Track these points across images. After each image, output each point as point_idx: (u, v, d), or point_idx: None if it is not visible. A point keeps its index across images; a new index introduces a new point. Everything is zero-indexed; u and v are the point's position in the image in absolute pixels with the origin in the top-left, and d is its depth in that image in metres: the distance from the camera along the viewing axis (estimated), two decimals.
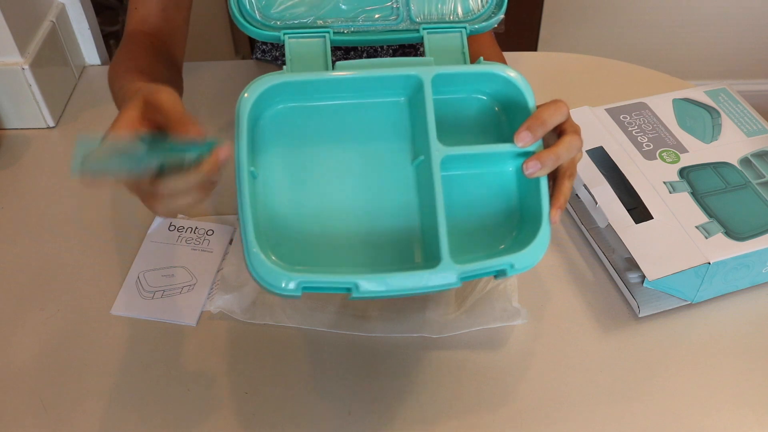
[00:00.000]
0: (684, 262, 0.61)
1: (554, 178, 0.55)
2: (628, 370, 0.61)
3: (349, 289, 0.50)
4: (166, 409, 0.58)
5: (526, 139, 0.54)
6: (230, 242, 0.70)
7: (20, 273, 0.69)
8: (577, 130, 0.56)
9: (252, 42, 1.47)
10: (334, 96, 0.56)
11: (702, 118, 0.76)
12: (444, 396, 0.59)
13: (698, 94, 0.79)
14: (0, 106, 0.84)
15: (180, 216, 0.73)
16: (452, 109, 0.58)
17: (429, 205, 0.54)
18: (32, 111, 0.84)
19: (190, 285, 0.67)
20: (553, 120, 0.54)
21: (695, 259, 0.61)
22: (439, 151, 0.53)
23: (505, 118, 0.59)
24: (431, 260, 0.52)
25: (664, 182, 0.68)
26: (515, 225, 0.57)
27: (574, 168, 0.56)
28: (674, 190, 0.68)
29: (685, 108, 0.78)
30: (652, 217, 0.65)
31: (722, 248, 0.62)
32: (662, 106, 0.78)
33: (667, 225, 0.65)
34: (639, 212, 0.66)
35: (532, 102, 0.56)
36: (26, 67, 0.81)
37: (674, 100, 0.79)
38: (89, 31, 0.93)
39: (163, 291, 0.66)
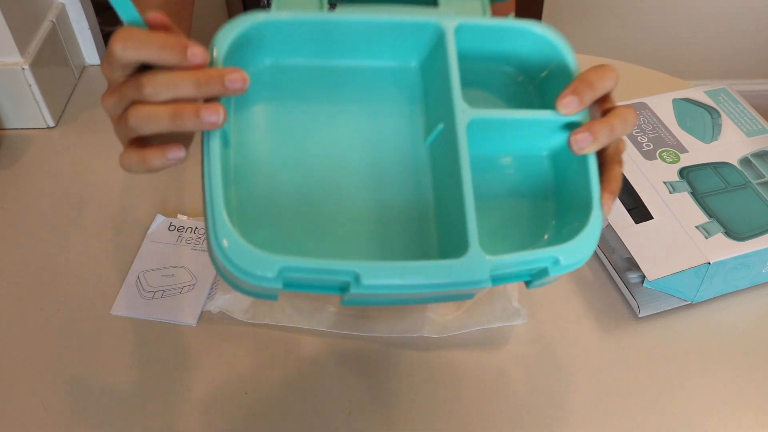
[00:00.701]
0: (684, 262, 0.61)
1: (601, 164, 0.47)
2: (628, 370, 0.61)
3: (344, 286, 0.41)
4: (166, 409, 0.58)
5: (571, 105, 0.44)
6: None
7: (20, 273, 0.69)
8: (624, 104, 0.47)
9: None
10: (331, 51, 0.47)
11: (702, 118, 0.76)
12: (444, 396, 0.59)
13: (698, 94, 0.79)
14: (0, 106, 0.84)
15: (180, 216, 0.73)
16: (473, 84, 0.49)
17: (449, 182, 0.45)
18: (32, 111, 0.84)
19: (190, 285, 0.67)
20: (602, 85, 0.45)
21: (695, 259, 0.61)
22: (465, 113, 0.44)
23: (536, 93, 0.50)
24: (452, 251, 0.43)
25: (664, 182, 0.68)
26: (552, 216, 0.49)
27: (620, 155, 0.48)
28: (674, 190, 0.68)
29: (685, 108, 0.78)
30: (652, 217, 0.65)
31: (722, 248, 0.62)
32: (662, 106, 0.78)
33: (667, 225, 0.65)
34: (639, 212, 0.66)
35: (573, 64, 0.46)
36: (26, 67, 0.81)
37: (674, 100, 0.79)
38: (89, 31, 0.93)
39: (163, 291, 0.66)
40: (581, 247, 0.44)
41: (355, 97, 0.48)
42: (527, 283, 0.45)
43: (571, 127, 0.46)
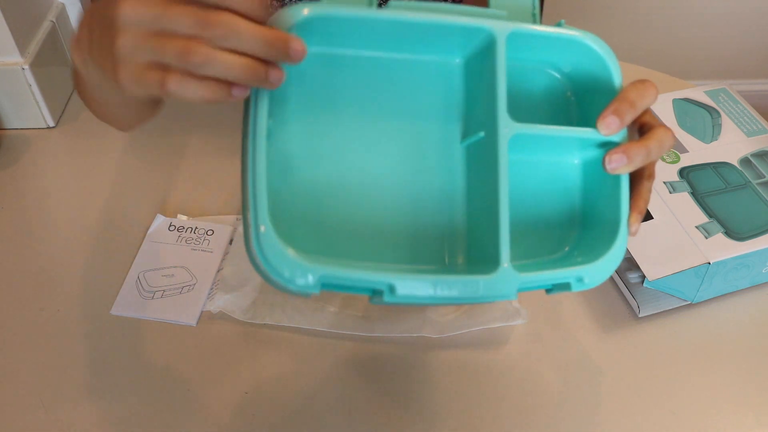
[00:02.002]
0: (684, 262, 0.61)
1: (631, 178, 0.47)
2: (628, 370, 0.61)
3: (377, 291, 0.41)
4: (166, 409, 0.58)
5: (612, 126, 0.45)
6: (230, 242, 0.70)
7: (20, 273, 0.69)
8: (663, 124, 0.47)
9: None
10: (375, 44, 0.46)
11: (702, 118, 0.76)
12: (444, 396, 0.59)
13: (698, 94, 0.79)
14: (0, 106, 0.84)
15: (180, 216, 0.73)
16: (514, 82, 0.48)
17: (485, 194, 0.45)
18: (32, 111, 0.84)
19: (190, 285, 0.67)
20: (643, 103, 0.46)
21: (695, 259, 0.61)
22: (509, 127, 0.44)
23: (575, 101, 0.50)
24: (481, 263, 0.45)
25: (664, 182, 0.68)
26: (577, 226, 0.49)
27: (653, 168, 0.48)
28: (674, 190, 0.68)
29: (685, 108, 0.78)
30: (652, 217, 0.65)
31: (722, 248, 0.62)
32: (662, 106, 0.78)
33: (667, 225, 0.65)
34: None
35: (618, 81, 0.47)
36: (26, 67, 0.81)
37: (674, 100, 0.79)
38: None
39: (163, 291, 0.66)
40: (605, 268, 0.45)
41: (393, 91, 0.47)
42: (547, 291, 0.46)
43: (607, 143, 0.46)
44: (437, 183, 0.48)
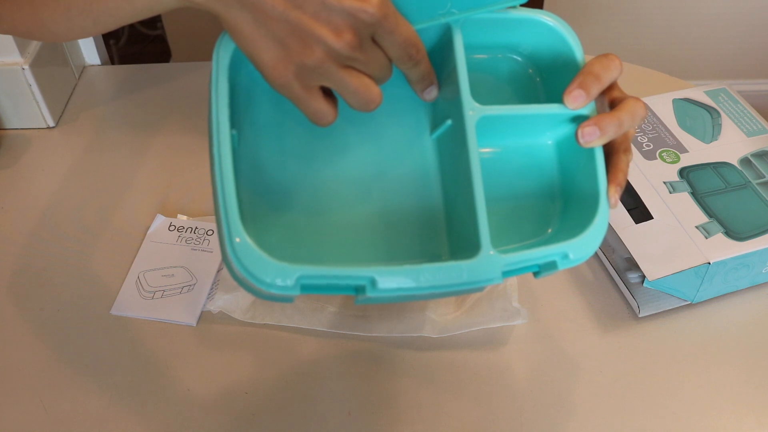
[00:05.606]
0: (684, 262, 0.61)
1: (607, 153, 0.47)
2: (628, 370, 0.61)
3: (360, 288, 0.41)
4: (166, 409, 0.58)
5: (579, 99, 0.45)
6: None
7: (20, 273, 0.69)
8: (633, 96, 0.47)
9: None
10: None
11: (702, 118, 0.76)
12: (444, 396, 0.59)
13: (698, 94, 0.79)
14: (0, 106, 0.84)
15: (180, 216, 0.73)
16: (478, 73, 0.49)
17: (459, 181, 0.45)
18: (32, 111, 0.84)
19: (190, 285, 0.67)
20: (607, 76, 0.46)
21: (695, 259, 0.61)
22: (474, 110, 0.44)
23: (540, 82, 0.51)
24: (463, 251, 0.44)
25: (664, 182, 0.68)
26: (558, 206, 0.49)
27: (628, 143, 0.48)
28: (674, 190, 0.68)
29: (685, 108, 0.78)
30: (652, 217, 0.65)
31: (722, 248, 0.62)
32: (662, 106, 0.78)
33: (667, 225, 0.65)
34: (639, 212, 0.66)
35: (580, 55, 0.47)
36: (26, 67, 0.81)
37: (674, 100, 0.79)
38: None
39: (163, 291, 0.66)
40: (589, 242, 0.44)
41: None
42: (535, 274, 0.45)
43: (578, 119, 0.46)
44: (411, 178, 0.48)
